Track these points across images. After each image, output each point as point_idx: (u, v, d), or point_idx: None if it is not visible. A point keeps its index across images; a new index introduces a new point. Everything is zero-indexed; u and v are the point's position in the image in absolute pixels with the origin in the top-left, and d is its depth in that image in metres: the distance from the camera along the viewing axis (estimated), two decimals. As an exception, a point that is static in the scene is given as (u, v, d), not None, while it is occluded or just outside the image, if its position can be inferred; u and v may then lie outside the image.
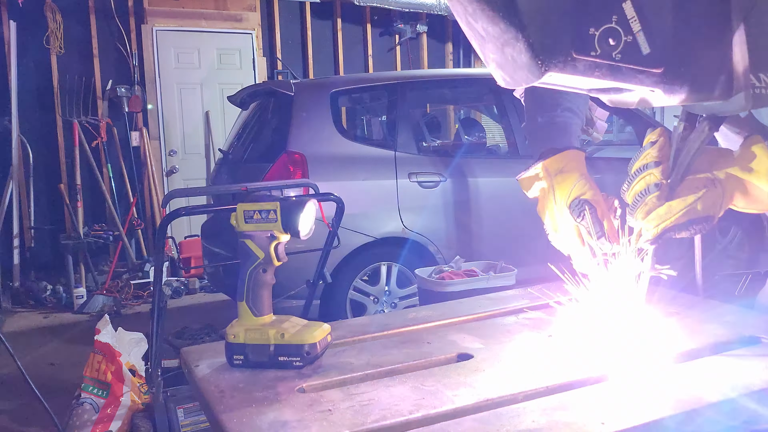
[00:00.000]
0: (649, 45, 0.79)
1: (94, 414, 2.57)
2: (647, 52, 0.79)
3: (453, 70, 7.00)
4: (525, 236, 4.06)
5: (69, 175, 5.90)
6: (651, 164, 0.95)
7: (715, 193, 0.94)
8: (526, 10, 0.75)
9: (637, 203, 0.96)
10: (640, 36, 0.79)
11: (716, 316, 1.22)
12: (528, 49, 0.76)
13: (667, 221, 0.94)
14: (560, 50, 0.76)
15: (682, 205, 0.93)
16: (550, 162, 1.15)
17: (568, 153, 1.15)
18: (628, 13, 0.77)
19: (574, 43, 0.77)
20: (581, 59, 0.77)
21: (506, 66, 0.81)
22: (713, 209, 0.95)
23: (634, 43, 0.79)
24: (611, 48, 0.78)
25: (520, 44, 0.76)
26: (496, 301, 1.46)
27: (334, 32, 7.15)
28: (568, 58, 0.77)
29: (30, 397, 2.58)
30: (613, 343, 1.10)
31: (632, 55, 0.79)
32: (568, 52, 0.77)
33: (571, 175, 1.13)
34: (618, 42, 0.78)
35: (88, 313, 4.91)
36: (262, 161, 3.86)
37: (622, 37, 0.78)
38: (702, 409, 0.86)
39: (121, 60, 6.14)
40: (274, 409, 0.92)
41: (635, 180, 0.97)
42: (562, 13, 0.76)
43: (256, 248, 1.10)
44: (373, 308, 3.81)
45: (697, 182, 0.95)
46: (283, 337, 1.07)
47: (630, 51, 0.79)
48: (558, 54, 0.76)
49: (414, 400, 0.92)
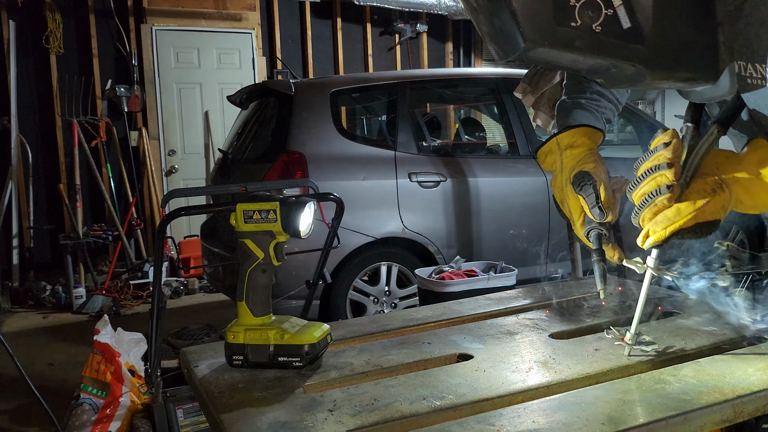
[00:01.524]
0: (630, 20, 0.81)
1: (94, 414, 2.57)
2: (627, 27, 0.81)
3: (453, 70, 6.99)
4: (525, 236, 4.08)
5: (68, 175, 5.89)
6: (663, 165, 0.93)
7: (723, 196, 0.94)
8: None
9: (645, 204, 0.95)
10: (620, 10, 0.81)
11: (716, 316, 1.22)
12: (512, 19, 0.79)
13: (676, 224, 0.93)
14: (542, 20, 0.79)
15: (691, 208, 0.93)
16: (562, 137, 1.17)
17: (580, 130, 1.16)
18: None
19: (555, 13, 0.79)
20: (562, 29, 0.79)
21: (497, 38, 0.84)
22: (720, 212, 0.94)
23: (615, 16, 0.81)
24: (591, 20, 0.80)
25: (504, 14, 0.80)
26: (496, 301, 1.46)
27: (333, 32, 7.15)
28: (550, 28, 0.79)
29: (29, 397, 2.58)
30: (613, 344, 1.10)
31: (613, 29, 0.81)
32: (549, 21, 0.79)
33: (579, 149, 1.14)
34: (598, 14, 0.80)
35: (88, 313, 4.91)
36: (261, 161, 3.86)
37: (602, 10, 0.80)
38: (702, 410, 0.85)
39: (120, 60, 6.14)
40: (273, 409, 0.92)
41: (644, 181, 0.96)
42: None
43: (256, 248, 1.10)
44: (373, 308, 3.80)
45: (705, 185, 0.94)
46: (282, 337, 1.07)
47: (610, 24, 0.81)
48: (539, 23, 0.79)
49: (414, 400, 0.92)
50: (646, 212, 0.95)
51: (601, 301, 1.38)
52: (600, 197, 1.06)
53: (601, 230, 1.10)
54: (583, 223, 1.12)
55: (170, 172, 6.36)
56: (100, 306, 4.98)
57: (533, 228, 4.08)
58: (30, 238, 5.77)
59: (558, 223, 4.02)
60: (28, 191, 5.74)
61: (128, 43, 6.12)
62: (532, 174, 4.09)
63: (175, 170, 6.38)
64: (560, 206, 1.17)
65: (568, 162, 1.15)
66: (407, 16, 7.34)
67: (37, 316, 4.95)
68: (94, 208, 6.04)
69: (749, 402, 0.88)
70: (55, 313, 5.00)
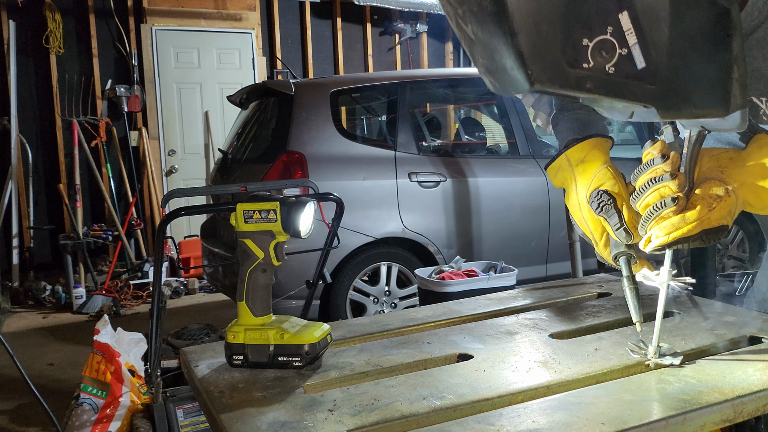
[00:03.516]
0: (645, 59, 0.76)
1: (93, 414, 2.57)
2: (642, 67, 0.76)
3: (453, 70, 6.99)
4: (525, 236, 4.08)
5: (68, 175, 5.89)
6: (667, 177, 0.91)
7: (728, 201, 0.91)
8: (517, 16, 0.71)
9: (652, 215, 0.93)
10: (635, 49, 0.76)
11: (716, 316, 1.22)
12: (517, 58, 0.72)
13: (681, 231, 0.91)
14: (551, 60, 0.73)
15: (696, 215, 0.90)
16: (572, 152, 1.11)
17: (590, 142, 1.11)
18: (624, 25, 0.75)
19: (565, 54, 0.73)
20: (573, 71, 0.73)
21: (495, 72, 0.77)
22: (727, 219, 0.92)
23: (629, 56, 0.75)
24: (605, 60, 0.74)
25: (509, 51, 0.72)
26: (496, 301, 1.46)
27: (333, 32, 7.15)
28: (560, 69, 0.73)
29: (29, 397, 2.58)
30: (613, 344, 1.10)
31: (626, 69, 0.76)
32: (559, 62, 0.73)
33: (592, 164, 1.09)
34: (612, 54, 0.75)
35: (88, 313, 4.91)
36: (261, 161, 3.86)
37: (616, 50, 0.75)
38: (702, 410, 0.85)
39: (120, 59, 6.14)
40: (273, 409, 0.92)
41: (647, 191, 0.93)
42: (555, 21, 0.72)
43: (256, 248, 1.10)
44: (373, 308, 3.80)
45: (710, 191, 0.92)
46: (282, 337, 1.07)
47: (624, 64, 0.75)
48: (548, 64, 0.72)
49: (414, 400, 0.92)
50: (652, 224, 0.93)
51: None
52: (623, 218, 1.01)
53: (630, 253, 1.05)
54: (606, 243, 1.07)
55: (170, 172, 6.36)
56: (100, 306, 4.98)
57: (533, 228, 4.08)
58: (30, 238, 5.77)
59: (558, 223, 4.02)
60: (28, 191, 5.74)
61: (128, 43, 6.12)
62: (532, 174, 4.10)
63: (175, 170, 6.38)
64: (579, 225, 1.12)
65: (582, 179, 1.09)
66: (407, 16, 7.34)
67: (37, 316, 4.95)
68: (94, 208, 6.04)
69: (749, 402, 0.88)
70: (55, 313, 5.00)
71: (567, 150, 1.12)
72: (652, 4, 0.76)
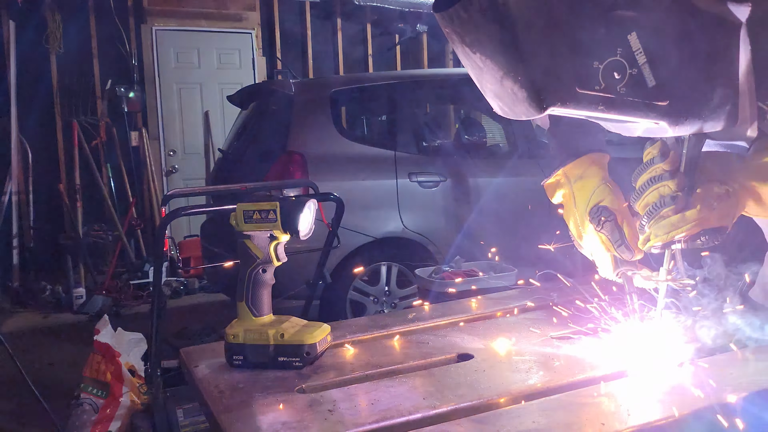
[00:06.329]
0: (654, 77, 0.76)
1: (93, 414, 2.56)
2: (653, 85, 0.77)
3: (453, 70, 6.97)
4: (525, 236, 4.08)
5: (68, 175, 5.89)
6: (666, 175, 0.91)
7: (729, 203, 0.92)
8: (527, 44, 0.71)
9: (651, 215, 0.93)
10: (645, 68, 0.76)
11: (715, 315, 1.22)
12: (529, 84, 0.73)
13: (680, 230, 0.91)
14: (563, 85, 0.73)
15: (695, 215, 0.90)
16: (569, 168, 1.11)
17: (588, 158, 1.10)
18: (633, 46, 0.75)
19: (577, 78, 0.74)
20: (584, 93, 0.74)
21: (504, 97, 0.78)
22: (726, 220, 0.92)
23: (639, 75, 0.76)
24: (616, 81, 0.75)
25: (520, 78, 0.73)
26: (496, 301, 1.46)
27: (334, 32, 7.15)
28: (571, 93, 0.74)
29: (29, 397, 2.58)
30: (613, 344, 1.10)
31: (637, 89, 0.76)
32: (571, 86, 0.73)
33: (591, 181, 1.09)
34: (623, 75, 0.75)
35: (88, 313, 4.90)
36: (262, 161, 3.86)
37: (626, 70, 0.75)
38: (702, 410, 0.85)
39: (120, 60, 6.14)
40: (273, 409, 0.92)
41: (647, 191, 0.93)
42: (565, 47, 0.73)
43: (256, 248, 1.10)
44: (373, 308, 3.80)
45: (711, 192, 0.92)
46: (282, 337, 1.07)
47: (635, 84, 0.76)
48: (560, 89, 0.73)
49: (414, 400, 0.92)
50: (652, 224, 0.93)
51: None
52: (624, 234, 1.02)
53: (633, 270, 1.06)
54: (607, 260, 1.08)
55: (170, 172, 6.36)
56: (100, 306, 4.98)
57: (533, 228, 4.07)
58: (30, 238, 5.77)
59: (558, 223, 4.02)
60: (28, 191, 5.74)
61: (128, 44, 6.12)
62: (531, 174, 4.09)
63: (175, 170, 6.37)
64: (578, 241, 1.13)
65: (581, 195, 1.09)
66: (407, 16, 7.33)
67: (37, 316, 4.95)
68: (94, 208, 6.04)
69: (750, 403, 0.88)
70: (55, 313, 4.99)
71: (564, 166, 1.12)
72: (659, 23, 0.76)
